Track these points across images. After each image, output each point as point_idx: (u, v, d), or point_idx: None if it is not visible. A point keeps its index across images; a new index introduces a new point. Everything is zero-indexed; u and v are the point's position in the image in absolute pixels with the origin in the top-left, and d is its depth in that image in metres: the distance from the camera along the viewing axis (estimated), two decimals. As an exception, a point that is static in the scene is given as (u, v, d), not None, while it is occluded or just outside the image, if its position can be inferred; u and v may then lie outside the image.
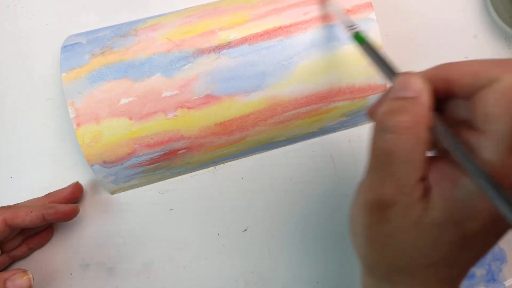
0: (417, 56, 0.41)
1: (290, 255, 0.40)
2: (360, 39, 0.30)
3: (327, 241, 0.40)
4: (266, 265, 0.40)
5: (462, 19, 0.42)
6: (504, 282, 0.40)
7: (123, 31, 0.37)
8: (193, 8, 0.38)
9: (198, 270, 0.39)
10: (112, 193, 0.39)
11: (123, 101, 0.35)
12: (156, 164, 0.37)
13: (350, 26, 0.32)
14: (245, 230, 0.40)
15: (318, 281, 0.40)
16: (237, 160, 0.41)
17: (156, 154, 0.36)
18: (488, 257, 0.40)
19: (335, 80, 0.36)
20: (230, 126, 0.36)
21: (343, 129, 0.40)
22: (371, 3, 0.36)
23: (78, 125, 0.34)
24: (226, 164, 0.41)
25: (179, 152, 0.37)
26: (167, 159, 0.37)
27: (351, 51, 0.36)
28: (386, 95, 0.23)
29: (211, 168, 0.40)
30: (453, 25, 0.42)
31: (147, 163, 0.37)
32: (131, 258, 0.39)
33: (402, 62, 0.41)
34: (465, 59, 0.41)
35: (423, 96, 0.22)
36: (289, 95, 0.36)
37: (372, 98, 0.38)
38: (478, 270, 0.40)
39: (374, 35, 0.36)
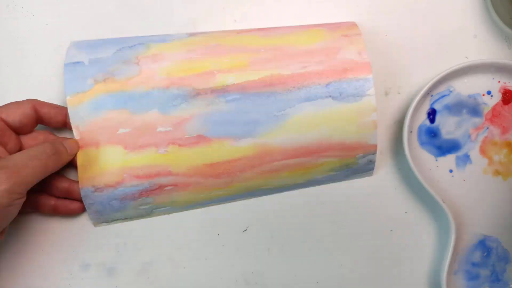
0: (417, 56, 0.41)
1: (290, 255, 0.40)
2: None
3: (327, 241, 0.40)
4: (266, 265, 0.40)
5: (462, 19, 0.42)
6: (509, 283, 0.39)
7: (126, 57, 0.37)
8: (196, 39, 0.39)
9: (198, 270, 0.39)
10: (95, 225, 0.39)
11: (121, 130, 0.36)
12: (141, 199, 0.37)
13: None
14: (245, 230, 0.40)
15: (318, 281, 0.40)
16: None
17: (143, 187, 0.37)
18: (493, 257, 0.39)
19: (326, 135, 0.37)
20: (218, 168, 0.37)
21: (331, 183, 0.40)
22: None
23: (80, 148, 0.37)
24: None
25: (166, 188, 0.37)
26: (153, 195, 0.38)
27: (345, 109, 0.36)
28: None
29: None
30: (453, 25, 0.42)
31: (133, 196, 0.37)
32: (131, 258, 0.39)
33: (402, 62, 0.41)
34: (465, 59, 0.41)
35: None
36: (279, 145, 0.37)
37: (362, 157, 0.38)
38: (483, 271, 0.39)
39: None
